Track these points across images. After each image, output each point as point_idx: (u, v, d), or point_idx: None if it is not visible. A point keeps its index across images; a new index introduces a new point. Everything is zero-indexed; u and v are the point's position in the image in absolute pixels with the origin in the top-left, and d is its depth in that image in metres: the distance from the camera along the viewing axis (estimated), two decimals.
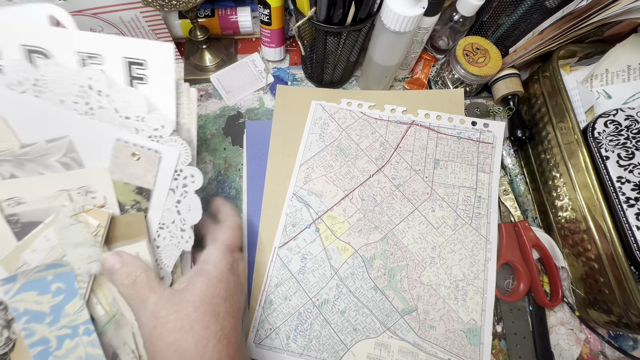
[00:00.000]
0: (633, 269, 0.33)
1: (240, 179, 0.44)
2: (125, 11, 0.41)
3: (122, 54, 0.30)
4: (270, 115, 0.48)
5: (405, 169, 0.43)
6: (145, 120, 0.30)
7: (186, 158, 0.32)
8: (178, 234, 0.32)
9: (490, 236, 0.40)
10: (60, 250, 0.28)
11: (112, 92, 0.29)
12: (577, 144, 0.37)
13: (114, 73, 0.30)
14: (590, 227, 0.35)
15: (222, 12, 0.49)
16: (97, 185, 0.30)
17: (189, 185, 0.32)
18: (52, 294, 0.27)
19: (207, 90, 0.49)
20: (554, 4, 0.39)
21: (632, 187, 0.34)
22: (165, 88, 0.31)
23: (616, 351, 0.37)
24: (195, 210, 0.32)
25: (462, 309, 0.37)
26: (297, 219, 0.41)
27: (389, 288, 0.38)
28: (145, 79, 0.31)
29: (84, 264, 0.28)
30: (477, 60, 0.44)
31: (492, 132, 0.44)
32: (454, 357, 0.35)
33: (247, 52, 0.52)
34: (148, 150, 0.30)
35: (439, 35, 0.49)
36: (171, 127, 0.31)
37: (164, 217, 0.31)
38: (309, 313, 0.37)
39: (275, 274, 0.38)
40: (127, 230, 0.30)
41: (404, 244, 0.40)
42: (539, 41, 0.41)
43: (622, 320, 0.34)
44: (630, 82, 0.41)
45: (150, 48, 0.30)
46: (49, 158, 0.29)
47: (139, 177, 0.30)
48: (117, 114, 0.30)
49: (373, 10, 0.38)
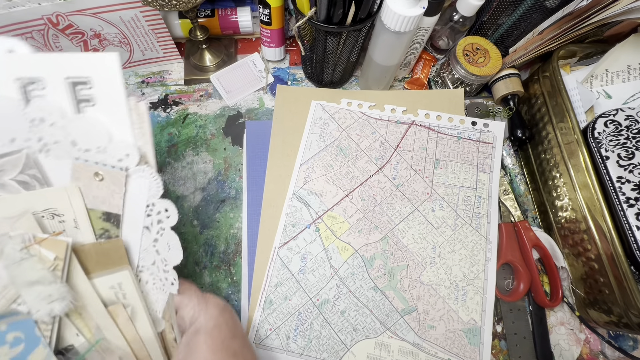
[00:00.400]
0: (633, 269, 0.33)
1: (240, 179, 0.44)
2: (125, 11, 0.41)
3: (64, 74, 0.25)
4: (270, 115, 0.48)
5: (405, 169, 0.43)
6: (108, 151, 0.26)
7: (157, 190, 0.28)
8: (161, 276, 0.29)
9: (490, 236, 0.40)
10: (13, 291, 0.24)
11: (67, 122, 0.25)
12: (577, 144, 0.37)
13: (59, 98, 0.26)
14: (590, 227, 0.35)
15: (222, 12, 0.49)
16: (64, 206, 0.26)
17: (164, 221, 0.29)
18: (9, 344, 0.23)
19: (207, 90, 0.49)
20: (554, 4, 0.39)
21: (632, 187, 0.34)
22: (116, 107, 0.26)
23: (616, 351, 0.37)
24: (175, 248, 0.29)
25: (462, 309, 0.37)
26: (297, 219, 0.41)
27: (389, 288, 0.38)
28: (93, 99, 0.26)
29: (43, 305, 0.23)
30: (477, 60, 0.44)
31: (492, 132, 0.44)
32: (454, 357, 0.35)
33: (247, 52, 0.52)
34: (112, 169, 0.26)
35: (439, 35, 0.49)
36: (137, 155, 0.27)
37: (143, 258, 0.28)
38: (309, 313, 0.37)
39: (275, 274, 0.38)
40: (105, 259, 0.26)
41: (404, 244, 0.40)
42: (539, 41, 0.41)
43: (622, 320, 0.34)
44: (630, 82, 0.41)
45: (92, 61, 0.26)
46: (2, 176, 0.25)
47: (104, 201, 0.26)
48: (75, 147, 0.26)
49: (373, 10, 0.38)
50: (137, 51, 0.47)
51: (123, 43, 0.45)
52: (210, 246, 0.41)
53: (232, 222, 0.42)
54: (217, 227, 0.42)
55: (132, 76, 0.50)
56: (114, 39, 0.44)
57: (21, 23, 0.38)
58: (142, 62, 0.49)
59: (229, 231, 0.42)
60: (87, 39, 0.42)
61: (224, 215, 0.42)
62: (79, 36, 0.42)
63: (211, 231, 0.41)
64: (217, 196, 0.43)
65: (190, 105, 0.48)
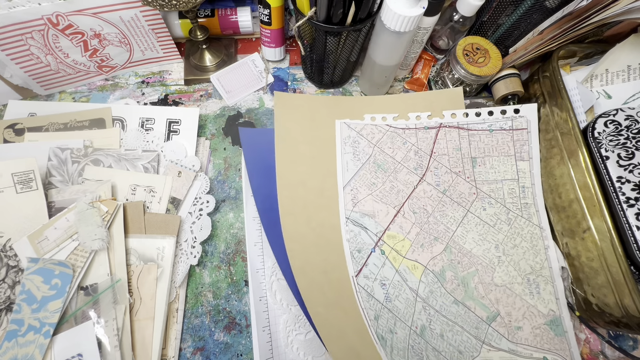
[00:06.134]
0: (633, 269, 0.33)
1: (240, 179, 0.44)
2: (125, 10, 0.41)
3: (166, 117, 0.45)
4: (270, 115, 0.48)
5: (445, 173, 0.41)
6: (183, 162, 0.43)
7: (205, 188, 0.42)
8: (188, 251, 0.39)
9: (542, 224, 0.39)
10: (74, 229, 0.35)
11: (163, 144, 0.44)
12: (577, 144, 0.37)
13: (160, 128, 0.44)
14: (590, 227, 0.35)
15: (222, 12, 0.49)
16: (160, 188, 0.40)
17: (204, 209, 0.41)
18: (50, 286, 0.32)
19: (207, 90, 0.49)
20: (554, 4, 0.39)
21: (632, 187, 0.34)
22: (191, 137, 0.45)
23: (616, 351, 0.37)
24: (206, 229, 0.40)
25: (540, 302, 0.36)
26: (360, 243, 0.38)
27: (468, 298, 0.37)
28: (178, 131, 0.45)
29: (89, 240, 0.34)
30: (477, 60, 0.44)
31: (525, 117, 0.42)
32: (549, 354, 0.35)
33: (247, 52, 0.52)
34: (187, 169, 0.42)
35: (439, 35, 0.49)
36: (199, 166, 0.43)
37: (180, 236, 0.39)
38: (418, 345, 0.35)
39: (367, 306, 0.36)
40: (164, 226, 0.38)
41: (467, 250, 0.38)
42: (539, 41, 0.41)
43: (622, 320, 0.34)
44: (630, 82, 0.41)
45: (184, 111, 0.45)
46: (139, 162, 0.41)
47: (175, 190, 0.41)
48: (165, 159, 0.43)
49: (373, 10, 0.38)
50: (137, 51, 0.47)
51: (123, 43, 0.45)
52: (210, 246, 0.41)
53: (232, 222, 0.42)
54: (217, 227, 0.42)
55: (132, 76, 0.50)
56: (114, 39, 0.44)
57: (21, 23, 0.38)
58: (142, 62, 0.49)
59: (229, 231, 0.42)
60: (87, 39, 0.42)
61: (224, 215, 0.42)
62: (79, 36, 0.42)
63: (211, 231, 0.41)
64: (217, 196, 0.43)
65: (190, 105, 0.48)
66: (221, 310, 0.38)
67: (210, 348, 0.37)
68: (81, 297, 0.34)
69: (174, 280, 0.37)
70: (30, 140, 0.41)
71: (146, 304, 0.35)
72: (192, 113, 0.45)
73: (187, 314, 0.38)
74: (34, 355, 0.30)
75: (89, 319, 0.33)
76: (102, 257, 0.35)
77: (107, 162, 0.40)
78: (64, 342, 0.32)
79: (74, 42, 0.42)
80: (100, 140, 0.42)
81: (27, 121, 0.42)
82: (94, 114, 0.43)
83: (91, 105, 0.45)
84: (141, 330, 0.34)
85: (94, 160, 0.40)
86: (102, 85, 0.49)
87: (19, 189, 0.36)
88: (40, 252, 0.34)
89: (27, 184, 0.36)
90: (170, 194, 0.40)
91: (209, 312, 0.38)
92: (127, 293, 0.35)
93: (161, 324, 0.35)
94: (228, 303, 0.39)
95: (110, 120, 0.44)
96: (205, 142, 0.46)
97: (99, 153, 0.41)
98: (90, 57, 0.45)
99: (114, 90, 0.48)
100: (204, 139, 0.46)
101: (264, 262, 0.39)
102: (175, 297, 0.37)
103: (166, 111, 0.45)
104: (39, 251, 0.34)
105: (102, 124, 0.43)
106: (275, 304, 0.38)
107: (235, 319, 0.38)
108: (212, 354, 0.37)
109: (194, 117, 0.45)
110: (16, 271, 0.33)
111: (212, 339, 0.37)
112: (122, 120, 0.44)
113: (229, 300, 0.39)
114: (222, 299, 0.39)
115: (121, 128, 0.44)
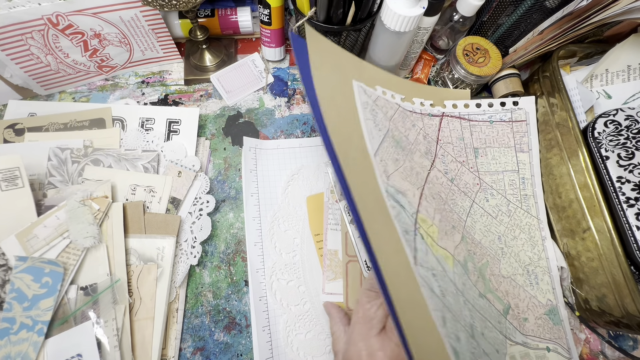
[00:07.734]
0: (633, 269, 0.33)
1: (240, 179, 0.44)
2: (125, 11, 0.41)
3: (166, 117, 0.45)
4: (271, 116, 0.48)
5: (451, 161, 0.40)
6: (183, 162, 0.42)
7: (205, 188, 0.42)
8: (188, 251, 0.39)
9: (540, 215, 0.40)
10: (64, 227, 0.34)
11: (163, 144, 0.44)
12: (577, 144, 0.37)
13: (160, 128, 0.44)
14: (590, 227, 0.35)
15: (222, 12, 0.49)
16: (160, 188, 0.40)
17: (204, 209, 0.41)
18: (40, 284, 0.32)
19: (207, 90, 0.49)
20: (554, 4, 0.39)
21: (632, 187, 0.34)
22: (191, 137, 0.45)
23: (616, 351, 0.37)
24: (206, 229, 0.40)
25: (539, 293, 0.37)
26: (404, 224, 0.30)
27: (488, 291, 0.35)
28: (178, 131, 0.45)
29: (80, 238, 0.34)
30: (477, 60, 0.44)
31: (524, 109, 0.43)
32: (551, 343, 0.35)
33: (247, 52, 0.52)
34: (187, 169, 0.42)
35: (439, 35, 0.49)
36: (199, 166, 0.43)
37: (180, 236, 0.39)
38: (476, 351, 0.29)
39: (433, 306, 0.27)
40: (164, 226, 0.38)
41: (477, 240, 0.37)
42: (539, 41, 0.41)
43: (622, 320, 0.34)
44: (630, 82, 0.41)
45: (184, 111, 0.46)
46: (139, 162, 0.41)
47: (175, 190, 0.41)
48: (165, 159, 0.43)
49: (373, 10, 0.38)
50: (137, 51, 0.47)
51: (123, 43, 0.45)
52: (210, 246, 0.41)
53: (232, 222, 0.42)
54: (217, 227, 0.42)
55: (132, 76, 0.50)
56: (114, 39, 0.44)
57: (21, 23, 0.38)
58: (142, 62, 0.49)
59: (229, 231, 0.42)
60: (87, 39, 0.42)
61: (224, 215, 0.42)
62: (79, 36, 0.42)
63: (211, 231, 0.41)
64: (217, 196, 0.43)
65: (190, 105, 0.48)
66: (221, 310, 0.38)
67: (210, 348, 0.37)
68: (80, 297, 0.33)
69: (174, 280, 0.37)
70: (30, 140, 0.41)
71: (146, 304, 0.35)
72: (192, 113, 0.45)
73: (187, 314, 0.38)
74: (27, 353, 0.30)
75: (89, 319, 0.33)
76: (102, 257, 0.35)
77: (107, 162, 0.40)
78: (63, 342, 0.32)
79: (74, 42, 0.42)
80: (100, 140, 0.42)
81: (27, 121, 0.42)
82: (94, 114, 0.43)
83: (91, 105, 0.45)
84: (141, 330, 0.34)
85: (94, 160, 0.40)
86: (102, 85, 0.49)
87: (4, 186, 0.35)
88: (29, 251, 0.34)
89: (13, 182, 0.35)
90: (170, 194, 0.40)
91: (209, 312, 0.38)
92: (126, 293, 0.35)
93: (161, 324, 0.35)
94: (228, 303, 0.39)
95: (110, 120, 0.44)
96: (205, 142, 0.46)
97: (99, 153, 0.41)
98: (90, 57, 0.45)
99: (114, 90, 0.48)
100: (204, 139, 0.46)
101: (264, 262, 0.39)
102: (175, 297, 0.37)
103: (166, 111, 0.45)
104: (28, 249, 0.34)
105: (102, 124, 0.43)
106: (275, 304, 0.38)
107: (235, 319, 0.38)
108: (212, 354, 0.37)
109: (194, 117, 0.45)
110: (5, 270, 0.33)
111: (212, 339, 0.37)
112: (122, 120, 0.44)
113: (229, 300, 0.39)
114: (222, 299, 0.39)
115: (121, 128, 0.44)
